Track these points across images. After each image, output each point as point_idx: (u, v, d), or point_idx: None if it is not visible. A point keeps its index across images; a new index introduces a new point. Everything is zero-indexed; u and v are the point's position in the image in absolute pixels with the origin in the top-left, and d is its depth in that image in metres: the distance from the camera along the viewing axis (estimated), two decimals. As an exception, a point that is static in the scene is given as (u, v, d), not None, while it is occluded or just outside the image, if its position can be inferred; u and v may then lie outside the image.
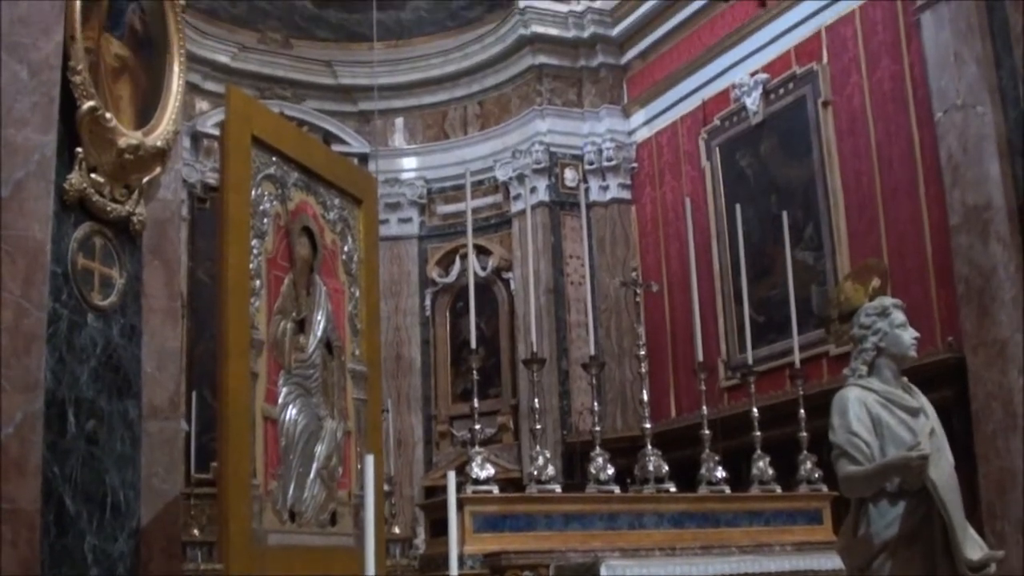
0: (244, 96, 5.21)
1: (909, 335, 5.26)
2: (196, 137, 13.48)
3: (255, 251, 4.81)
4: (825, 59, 11.25)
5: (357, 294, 5.63)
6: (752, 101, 12.00)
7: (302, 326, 5.15)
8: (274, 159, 5.02)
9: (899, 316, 5.28)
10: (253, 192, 4.83)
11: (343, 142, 14.58)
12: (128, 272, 5.04)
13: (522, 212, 13.26)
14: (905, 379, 5.32)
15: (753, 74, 12.07)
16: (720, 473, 8.50)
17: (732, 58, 12.51)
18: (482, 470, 7.59)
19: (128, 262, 5.05)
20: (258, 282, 4.83)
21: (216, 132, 11.95)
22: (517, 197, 14.03)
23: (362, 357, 5.60)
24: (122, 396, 4.95)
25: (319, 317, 5.25)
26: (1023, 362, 8.62)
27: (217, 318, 4.65)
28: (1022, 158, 8.87)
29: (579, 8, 14.09)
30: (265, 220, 4.92)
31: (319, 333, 5.25)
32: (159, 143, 5.11)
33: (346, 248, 5.59)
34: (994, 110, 9.05)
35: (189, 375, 11.57)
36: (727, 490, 8.49)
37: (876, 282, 5.97)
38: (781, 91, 11.75)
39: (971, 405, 8.96)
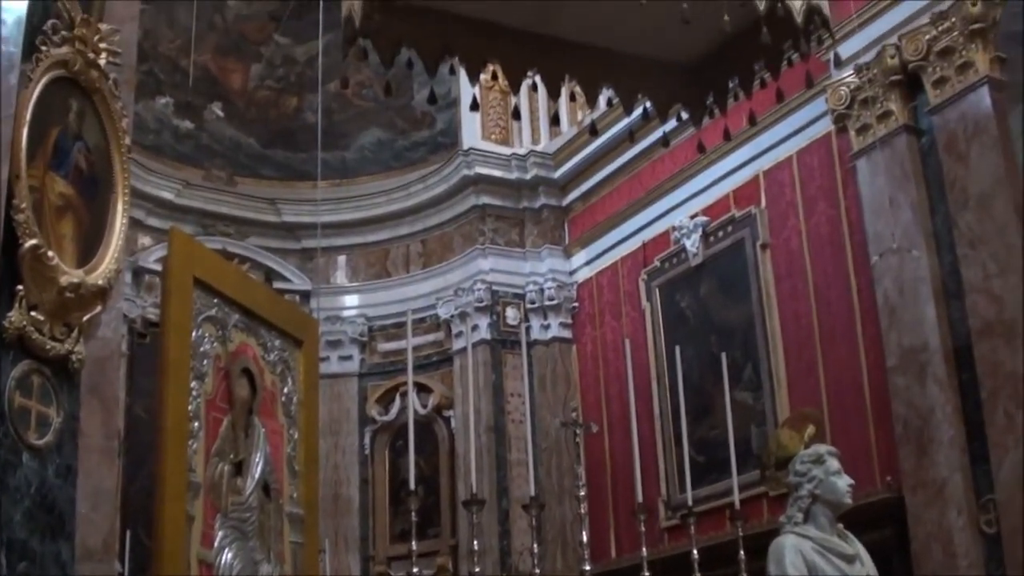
0: (186, 238, 5.23)
1: (844, 482, 5.31)
2: (138, 272, 13.42)
3: (194, 393, 4.78)
4: (763, 203, 11.45)
5: (296, 436, 5.60)
6: (692, 243, 12.16)
7: (240, 468, 5.10)
8: (215, 301, 5.02)
9: (834, 463, 5.33)
10: (193, 334, 4.82)
11: (285, 279, 14.58)
12: (65, 411, 4.98)
13: (463, 350, 13.25)
14: (841, 525, 5.36)
15: (692, 217, 12.25)
16: (660, 616, 8.44)
17: (672, 201, 12.70)
18: (420, 614, 7.50)
19: (66, 401, 4.99)
20: (196, 424, 4.79)
21: (158, 268, 11.91)
22: (459, 335, 14.03)
23: (300, 500, 5.55)
24: (55, 537, 4.85)
25: (257, 459, 5.21)
26: (962, 502, 8.68)
27: (155, 460, 4.61)
28: (957, 301, 9.02)
29: (522, 151, 14.30)
30: (205, 362, 4.90)
31: (257, 475, 5.20)
32: (101, 281, 5.08)
33: (286, 390, 5.57)
34: (929, 254, 9.23)
35: (124, 514, 11.35)
36: (667, 633, 8.42)
37: (811, 429, 6.04)
38: (720, 234, 11.92)
39: (911, 545, 9.00)
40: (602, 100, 6.45)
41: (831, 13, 5.82)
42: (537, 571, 8.34)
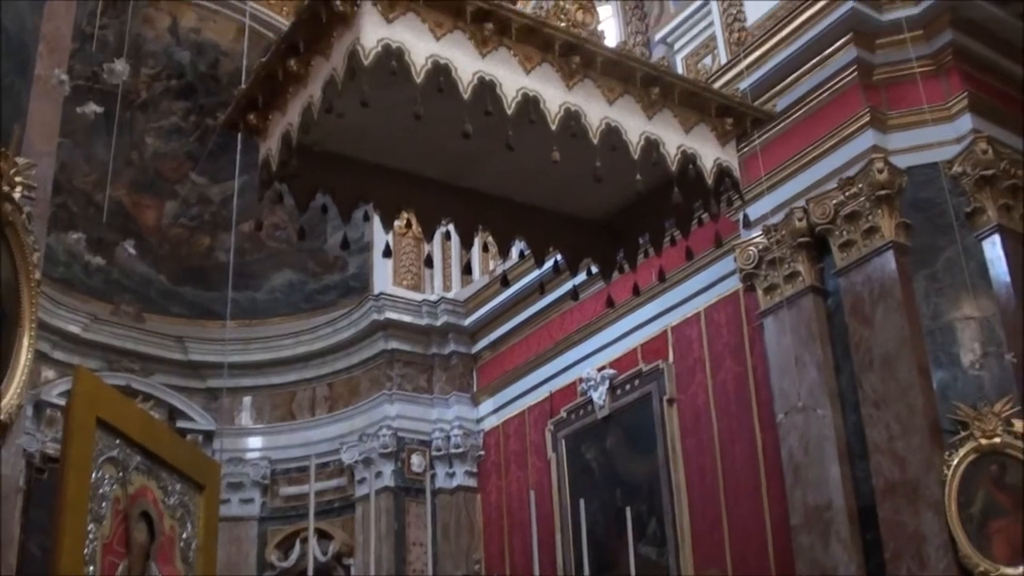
0: (92, 377, 5.16)
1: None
2: (39, 406, 13.11)
3: (91, 536, 4.68)
4: (671, 358, 11.54)
5: (193, 582, 5.50)
6: (599, 395, 12.20)
7: (134, 615, 5.00)
8: (118, 442, 4.95)
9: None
10: (93, 475, 4.74)
11: (189, 418, 14.38)
12: (-44, 550, 4.86)
13: (366, 497, 13.13)
14: None
15: (600, 369, 12.31)
16: None
17: (580, 353, 12.77)
18: None
19: (-43, 539, 4.87)
20: (92, 568, 4.69)
21: (61, 402, 11.71)
22: (362, 481, 13.90)
23: (194, 648, 5.44)
24: None
25: (152, 606, 5.11)
26: (864, 664, 8.65)
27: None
28: (861, 460, 9.08)
29: (433, 298, 14.36)
30: (104, 504, 4.81)
31: (151, 623, 5.09)
32: (2, 417, 5.00)
33: (184, 535, 5.47)
34: (834, 413, 9.30)
35: (10, 657, 11.00)
36: None
37: (716, 592, 6.03)
38: (627, 387, 11.97)
39: None
40: (514, 251, 6.52)
41: (741, 175, 5.94)
42: None
